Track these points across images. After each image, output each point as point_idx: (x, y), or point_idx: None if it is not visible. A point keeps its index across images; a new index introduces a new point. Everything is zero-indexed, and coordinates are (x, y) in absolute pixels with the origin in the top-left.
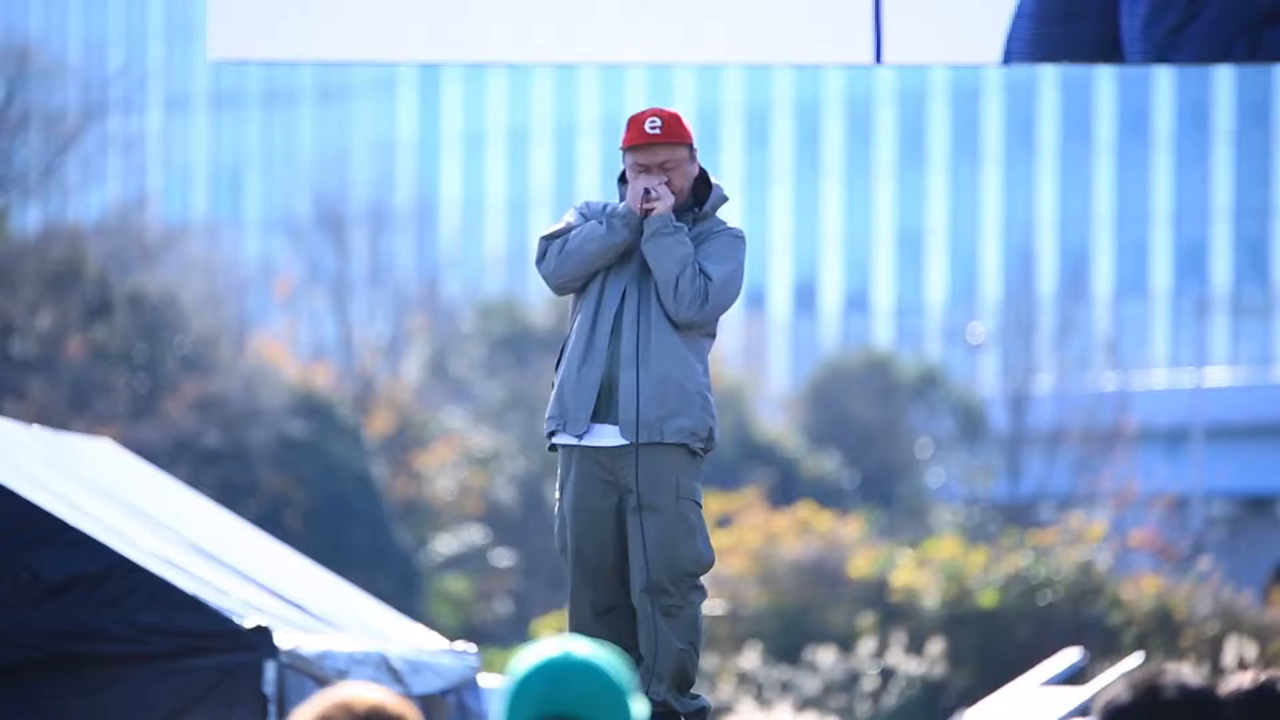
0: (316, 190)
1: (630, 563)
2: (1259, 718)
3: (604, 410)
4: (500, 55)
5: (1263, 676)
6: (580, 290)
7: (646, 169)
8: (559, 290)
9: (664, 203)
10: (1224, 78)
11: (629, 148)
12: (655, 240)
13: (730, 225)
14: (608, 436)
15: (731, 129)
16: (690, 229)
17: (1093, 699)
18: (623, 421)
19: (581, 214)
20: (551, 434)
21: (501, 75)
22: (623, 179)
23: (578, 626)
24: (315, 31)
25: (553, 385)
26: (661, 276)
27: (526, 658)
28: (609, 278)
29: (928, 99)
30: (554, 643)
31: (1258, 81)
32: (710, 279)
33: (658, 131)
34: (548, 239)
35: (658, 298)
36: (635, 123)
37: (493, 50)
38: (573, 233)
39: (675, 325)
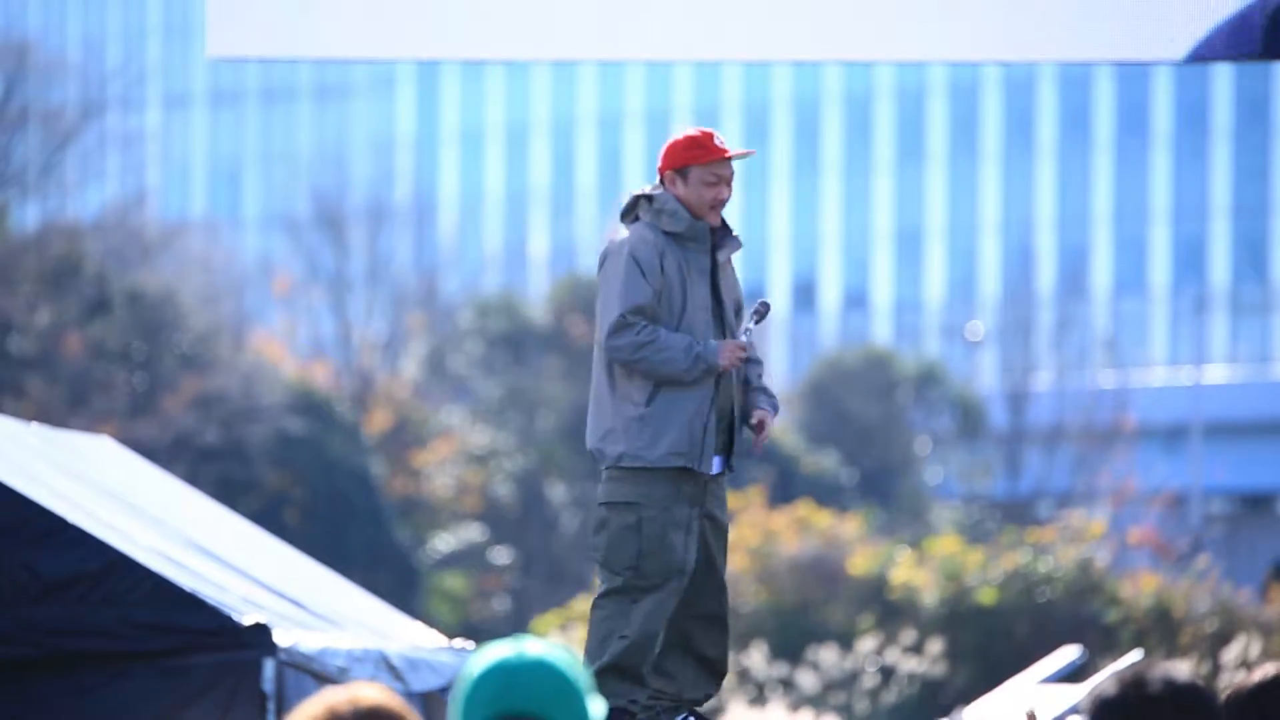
0: (315, 188)
1: (709, 574)
2: (1248, 714)
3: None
4: (500, 53)
5: (1255, 676)
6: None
7: (721, 181)
8: (607, 357)
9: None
10: (1223, 75)
11: (709, 163)
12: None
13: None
14: (716, 465)
15: (731, 126)
16: (722, 245)
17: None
18: (735, 453)
19: (647, 279)
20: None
21: (499, 73)
22: (661, 176)
23: (673, 634)
24: (314, 29)
25: (644, 405)
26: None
27: (481, 658)
28: (696, 309)
29: (927, 96)
30: (508, 642)
31: (1257, 79)
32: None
33: (728, 149)
34: (632, 314)
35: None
36: (707, 139)
37: (495, 47)
38: (660, 340)
39: None
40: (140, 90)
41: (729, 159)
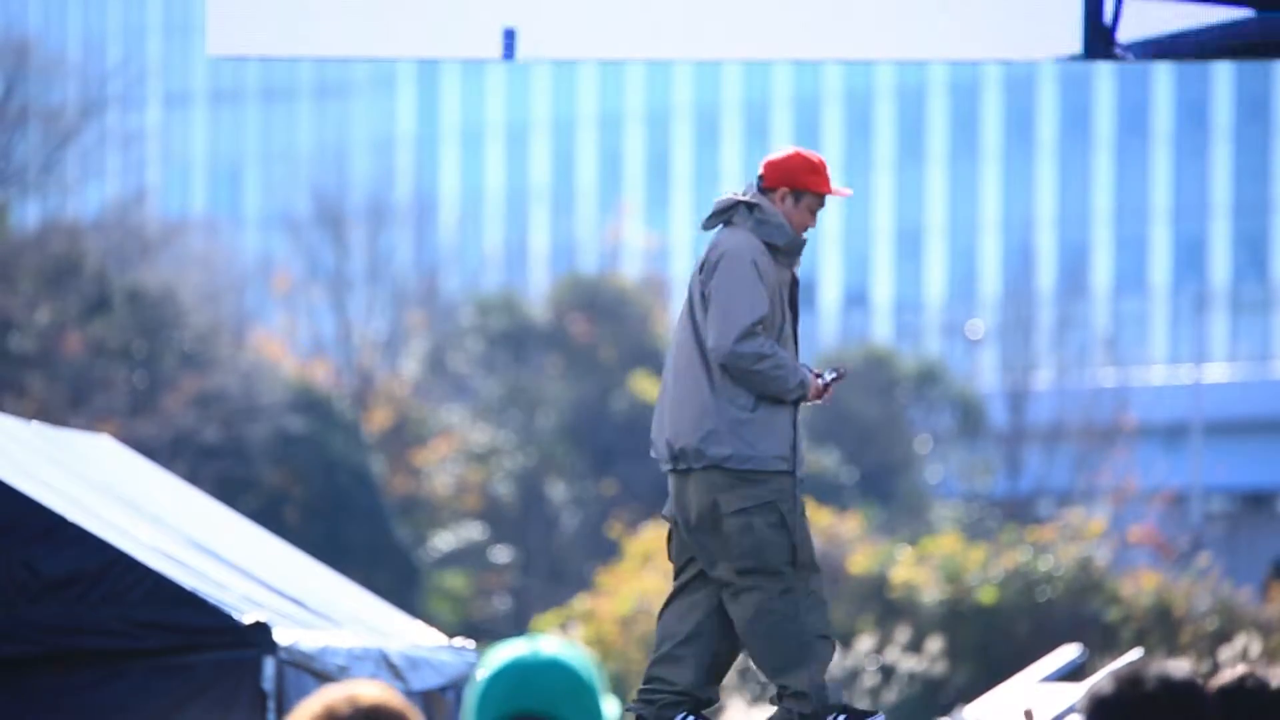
0: (315, 186)
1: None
2: (1240, 710)
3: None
4: (500, 52)
5: (1241, 670)
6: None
7: (816, 213)
8: (719, 359)
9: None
10: (1223, 74)
11: (822, 194)
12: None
13: None
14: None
15: (730, 125)
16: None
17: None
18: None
19: (765, 291)
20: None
21: (500, 71)
22: (765, 186)
23: (816, 610)
24: (314, 27)
25: (749, 410)
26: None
27: (496, 656)
28: (788, 325)
29: (927, 95)
30: (523, 641)
31: (1257, 78)
32: None
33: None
34: (758, 325)
35: None
36: (825, 170)
37: (495, 47)
38: (778, 357)
39: None
40: (140, 89)
41: (834, 195)
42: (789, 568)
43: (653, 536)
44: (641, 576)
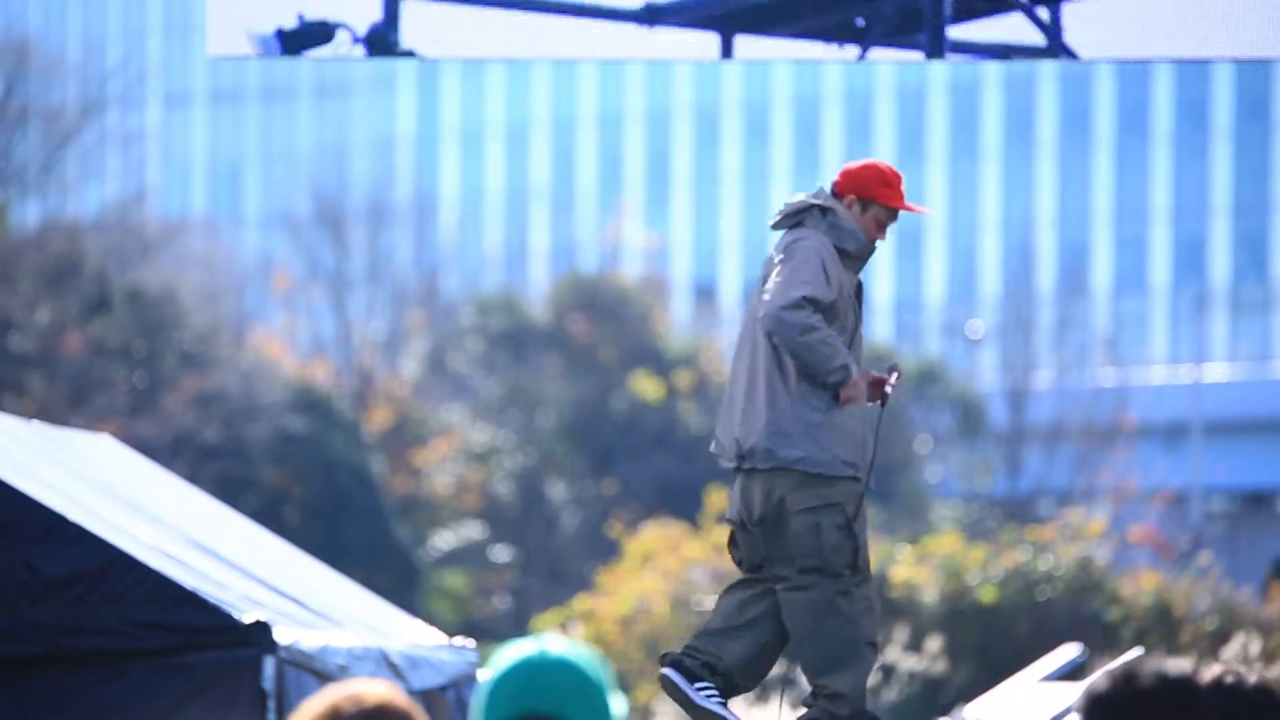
0: (315, 186)
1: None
2: (1234, 706)
3: None
4: (500, 51)
5: (1234, 668)
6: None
7: (886, 227)
8: (766, 326)
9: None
10: (1224, 73)
11: (892, 208)
12: None
13: None
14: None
15: (730, 124)
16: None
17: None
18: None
19: (830, 285)
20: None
21: (500, 71)
22: (838, 193)
23: (868, 616)
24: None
25: (823, 412)
26: None
27: (504, 656)
28: (858, 331)
29: (927, 94)
30: (531, 641)
31: (1257, 77)
32: None
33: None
34: (810, 301)
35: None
36: (899, 183)
37: (494, 47)
38: (825, 332)
39: None
40: (140, 89)
41: (906, 210)
42: (849, 571)
43: (652, 536)
44: (641, 576)
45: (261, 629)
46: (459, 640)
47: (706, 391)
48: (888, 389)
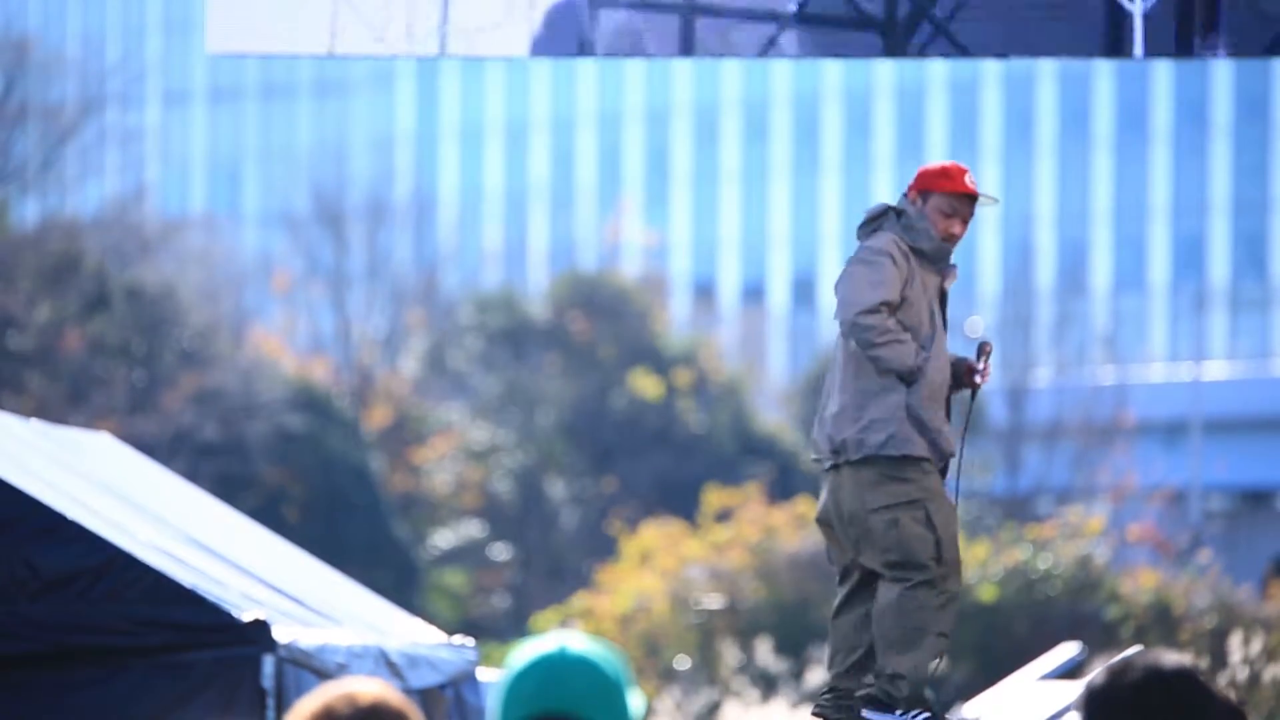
0: (314, 184)
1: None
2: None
3: None
4: (500, 51)
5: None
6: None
7: (957, 215)
8: (843, 330)
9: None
10: (1223, 72)
11: (949, 193)
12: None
13: None
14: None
15: (730, 123)
16: (948, 275)
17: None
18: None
19: (894, 273)
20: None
21: (499, 69)
22: (908, 197)
23: (946, 609)
24: (313, 25)
25: (900, 409)
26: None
27: (522, 654)
28: (940, 334)
29: (926, 93)
30: (550, 638)
31: (1256, 76)
32: None
33: (975, 189)
34: (884, 305)
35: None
36: (957, 172)
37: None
38: (900, 333)
39: None
40: (140, 86)
41: (970, 196)
42: (934, 563)
43: (651, 535)
44: (641, 574)
45: (261, 627)
46: (458, 639)
47: (705, 390)
48: (977, 379)
